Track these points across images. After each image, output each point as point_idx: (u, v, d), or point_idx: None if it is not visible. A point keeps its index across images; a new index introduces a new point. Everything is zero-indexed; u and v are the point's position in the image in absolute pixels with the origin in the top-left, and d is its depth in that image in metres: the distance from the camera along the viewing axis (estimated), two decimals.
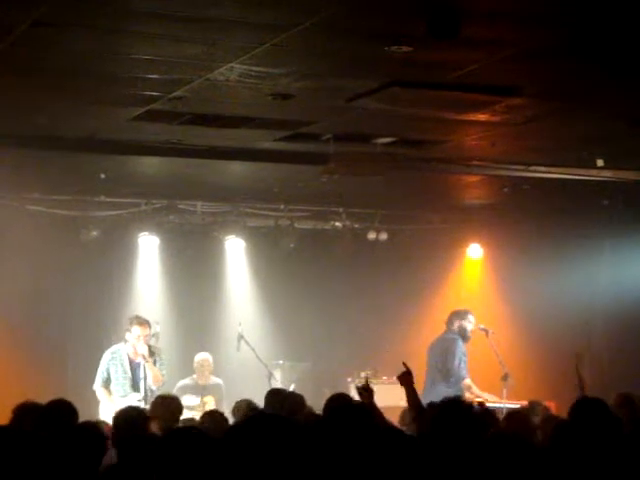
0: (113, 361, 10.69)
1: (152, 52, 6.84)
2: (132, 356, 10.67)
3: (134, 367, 10.64)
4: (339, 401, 6.20)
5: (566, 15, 6.06)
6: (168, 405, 7.66)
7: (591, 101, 8.04)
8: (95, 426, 5.65)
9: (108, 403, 10.45)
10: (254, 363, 11.50)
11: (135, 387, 10.54)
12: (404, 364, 6.90)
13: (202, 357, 11.91)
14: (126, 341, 10.73)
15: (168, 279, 12.96)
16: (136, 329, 10.63)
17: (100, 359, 10.80)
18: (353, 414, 4.15)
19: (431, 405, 6.31)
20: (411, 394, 6.69)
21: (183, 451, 3.56)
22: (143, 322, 10.72)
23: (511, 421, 6.90)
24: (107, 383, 10.69)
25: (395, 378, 6.99)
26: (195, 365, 11.88)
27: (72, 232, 12.12)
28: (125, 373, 10.63)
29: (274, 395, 7.97)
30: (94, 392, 10.70)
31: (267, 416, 3.05)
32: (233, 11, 6.01)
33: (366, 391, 6.70)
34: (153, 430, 6.48)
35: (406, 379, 6.78)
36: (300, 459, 2.79)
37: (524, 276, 13.01)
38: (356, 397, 7.06)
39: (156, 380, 10.53)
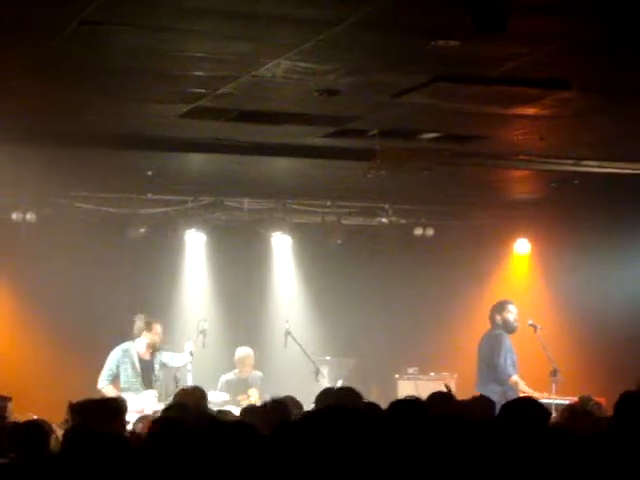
0: (124, 359, 10.73)
1: (199, 49, 6.86)
2: (142, 354, 10.80)
3: (144, 365, 10.74)
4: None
5: (615, 6, 5.99)
6: (192, 395, 7.69)
7: None
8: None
9: None
10: (301, 359, 11.51)
11: (147, 384, 10.63)
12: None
13: (242, 352, 12.02)
14: (135, 339, 10.85)
15: (215, 276, 12.99)
16: (157, 327, 10.82)
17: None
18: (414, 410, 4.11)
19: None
20: None
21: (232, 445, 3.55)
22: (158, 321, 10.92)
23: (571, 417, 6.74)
24: (114, 380, 10.70)
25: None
26: (235, 360, 12.01)
27: (119, 229, 12.20)
28: (135, 371, 10.69)
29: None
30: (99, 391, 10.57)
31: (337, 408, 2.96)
32: (280, 7, 6.02)
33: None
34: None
35: None
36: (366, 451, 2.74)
37: (572, 271, 12.89)
38: (403, 394, 7.02)
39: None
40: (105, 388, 10.66)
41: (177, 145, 9.78)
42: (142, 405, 10.32)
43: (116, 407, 6.24)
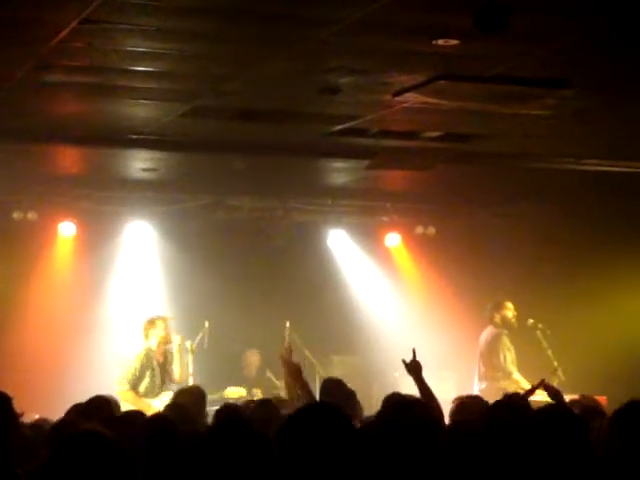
0: (148, 362, 10.37)
1: (198, 48, 6.85)
2: (158, 356, 10.52)
3: (161, 367, 10.46)
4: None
5: (615, 5, 5.99)
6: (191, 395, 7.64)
7: None
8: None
9: (137, 406, 9.37)
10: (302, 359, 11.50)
11: (165, 386, 10.36)
12: (413, 352, 6.83)
13: (249, 355, 12.20)
14: (149, 342, 10.54)
15: (218, 276, 12.81)
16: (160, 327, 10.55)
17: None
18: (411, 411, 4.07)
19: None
20: (419, 383, 6.65)
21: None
22: (165, 319, 10.65)
23: None
24: (136, 384, 10.13)
25: (402, 364, 6.86)
26: (243, 361, 12.06)
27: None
28: (155, 371, 10.38)
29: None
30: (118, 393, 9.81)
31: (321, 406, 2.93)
32: (281, 6, 6.01)
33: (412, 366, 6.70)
34: None
35: (413, 367, 6.73)
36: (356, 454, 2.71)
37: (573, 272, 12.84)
38: (405, 390, 6.94)
39: (182, 377, 10.46)
40: (126, 394, 9.93)
41: (175, 145, 9.75)
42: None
43: None
